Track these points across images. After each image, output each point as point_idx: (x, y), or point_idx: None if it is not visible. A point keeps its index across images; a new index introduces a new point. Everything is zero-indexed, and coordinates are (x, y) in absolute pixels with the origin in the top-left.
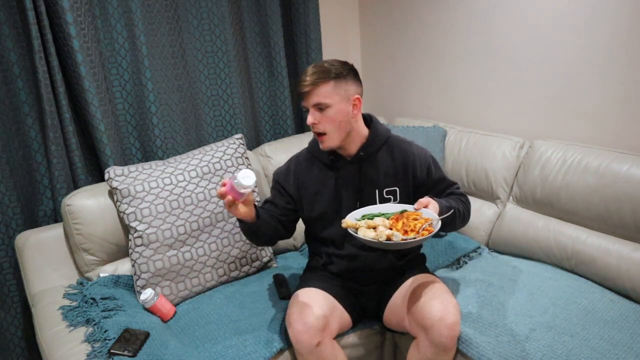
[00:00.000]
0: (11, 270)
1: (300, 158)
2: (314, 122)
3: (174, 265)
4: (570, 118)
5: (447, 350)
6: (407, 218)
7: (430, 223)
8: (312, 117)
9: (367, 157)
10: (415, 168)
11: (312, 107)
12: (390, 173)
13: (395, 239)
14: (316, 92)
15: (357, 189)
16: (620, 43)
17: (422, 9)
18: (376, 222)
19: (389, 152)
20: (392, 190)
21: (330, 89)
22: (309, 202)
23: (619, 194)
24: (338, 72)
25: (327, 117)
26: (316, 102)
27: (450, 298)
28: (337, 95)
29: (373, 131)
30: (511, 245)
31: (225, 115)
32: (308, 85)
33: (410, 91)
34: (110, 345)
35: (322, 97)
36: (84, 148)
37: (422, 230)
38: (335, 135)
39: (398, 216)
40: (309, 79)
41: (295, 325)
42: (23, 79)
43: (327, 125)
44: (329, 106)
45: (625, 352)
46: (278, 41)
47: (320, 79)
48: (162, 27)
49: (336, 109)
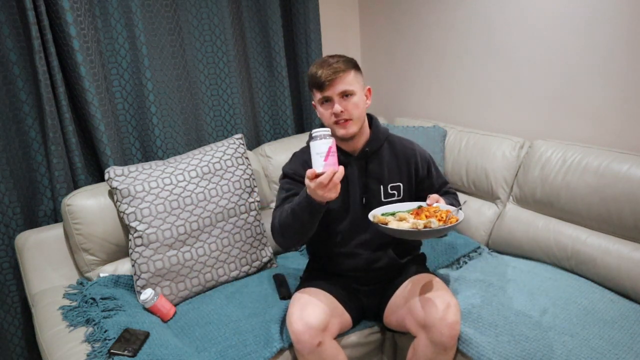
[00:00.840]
0: (11, 270)
1: (305, 154)
2: (342, 110)
3: (174, 265)
4: (570, 118)
5: (448, 350)
6: (427, 211)
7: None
8: (339, 106)
9: (372, 152)
10: (417, 163)
11: (338, 95)
12: (394, 168)
13: (433, 225)
14: (343, 79)
15: (362, 185)
16: (620, 43)
17: (422, 9)
18: (404, 215)
19: (391, 148)
20: (397, 186)
21: (352, 77)
22: None
23: (619, 194)
24: (354, 62)
25: (353, 103)
26: (343, 89)
27: (451, 297)
28: (358, 84)
29: (375, 129)
30: (511, 245)
31: (225, 115)
32: (335, 73)
33: (410, 91)
34: (110, 345)
35: (348, 84)
36: (84, 148)
37: (449, 218)
38: (358, 122)
39: (417, 211)
40: (335, 66)
41: (296, 326)
42: (23, 79)
43: (353, 111)
44: (354, 93)
45: (625, 352)
46: (278, 41)
47: (344, 67)
48: (162, 27)
49: (359, 97)
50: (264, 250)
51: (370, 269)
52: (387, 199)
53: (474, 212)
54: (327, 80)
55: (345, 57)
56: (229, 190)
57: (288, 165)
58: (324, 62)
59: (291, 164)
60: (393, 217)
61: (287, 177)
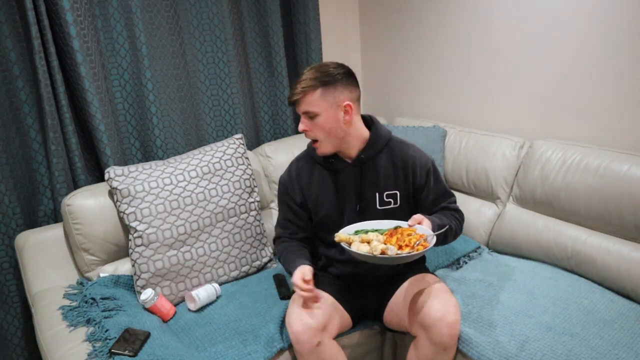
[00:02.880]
0: (11, 270)
1: (300, 162)
2: (305, 129)
3: (174, 265)
4: (570, 118)
5: (448, 350)
6: (401, 234)
7: (425, 238)
8: (303, 125)
9: (367, 160)
10: (415, 171)
11: (302, 115)
12: (390, 176)
13: (389, 252)
14: (304, 100)
15: (357, 192)
16: (620, 43)
17: (422, 9)
18: (370, 237)
19: (389, 155)
20: (393, 194)
21: (317, 97)
22: (313, 205)
23: (619, 194)
24: (327, 79)
25: (317, 124)
26: (304, 110)
27: (451, 297)
28: (325, 103)
29: (374, 133)
30: (511, 245)
31: (225, 115)
32: (297, 94)
33: (410, 91)
34: (111, 345)
35: (309, 105)
36: (84, 148)
37: (417, 245)
38: (327, 142)
39: (392, 232)
40: (303, 84)
41: (295, 326)
42: (23, 79)
43: (317, 132)
44: (317, 114)
45: (625, 352)
46: (278, 41)
47: (307, 87)
48: (162, 27)
49: (325, 117)
50: (264, 250)
51: (369, 274)
52: (382, 206)
53: (474, 212)
54: (292, 102)
55: (319, 73)
56: (229, 190)
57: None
58: (298, 77)
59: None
60: (358, 237)
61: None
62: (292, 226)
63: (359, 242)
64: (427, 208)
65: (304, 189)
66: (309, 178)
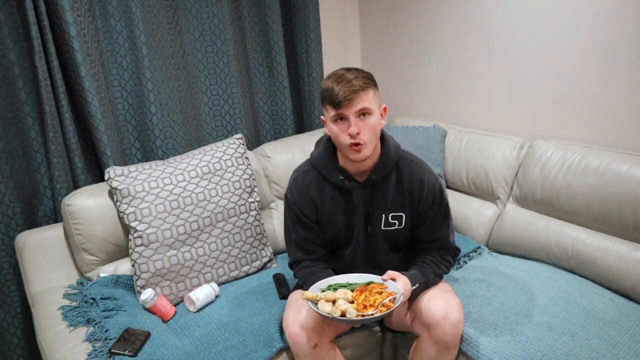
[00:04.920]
0: (11, 270)
1: (307, 178)
2: (358, 132)
3: (174, 265)
4: (570, 118)
5: (450, 349)
6: (370, 291)
7: (393, 298)
8: (355, 127)
9: (378, 181)
10: (421, 195)
11: (355, 114)
12: (397, 199)
13: (349, 315)
14: (363, 97)
15: (367, 215)
16: (620, 43)
17: (422, 9)
18: (337, 295)
19: (398, 175)
20: (398, 216)
21: (371, 96)
22: (325, 223)
23: (619, 194)
24: (374, 80)
25: (369, 125)
26: (361, 107)
27: (453, 296)
28: (376, 103)
29: (385, 151)
30: (511, 245)
31: (225, 115)
32: (353, 92)
33: (410, 91)
34: (111, 345)
35: (368, 102)
36: (84, 148)
37: (380, 306)
38: (371, 145)
39: (363, 288)
40: (355, 83)
41: (291, 328)
42: (23, 79)
43: (367, 134)
44: (371, 113)
45: (625, 352)
46: (278, 41)
47: (366, 84)
48: (162, 27)
49: (375, 117)
50: (264, 250)
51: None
52: (387, 227)
53: (474, 212)
54: (345, 99)
55: (364, 73)
56: (229, 190)
57: (292, 194)
58: (342, 78)
59: (294, 194)
60: (324, 295)
61: (293, 212)
62: (311, 245)
63: (325, 301)
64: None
65: (317, 205)
66: (319, 195)
